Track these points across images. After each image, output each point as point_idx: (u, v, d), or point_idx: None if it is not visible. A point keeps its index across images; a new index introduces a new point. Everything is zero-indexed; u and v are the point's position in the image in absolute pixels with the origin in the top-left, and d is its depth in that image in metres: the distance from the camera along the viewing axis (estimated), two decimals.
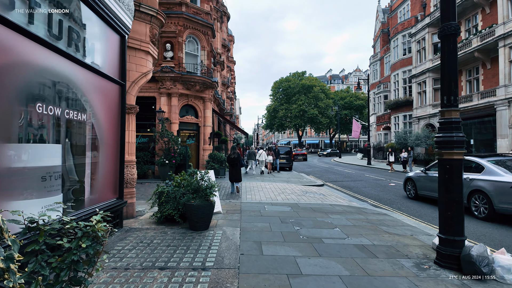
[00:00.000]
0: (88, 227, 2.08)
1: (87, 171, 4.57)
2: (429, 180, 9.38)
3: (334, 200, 9.45)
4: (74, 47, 4.11)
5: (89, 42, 4.50)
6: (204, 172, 5.80)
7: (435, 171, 9.10)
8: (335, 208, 7.96)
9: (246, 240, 5.02)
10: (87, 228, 2.07)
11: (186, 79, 14.38)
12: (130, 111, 6.44)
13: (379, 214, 7.44)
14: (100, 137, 4.89)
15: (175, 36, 14.37)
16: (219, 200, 7.32)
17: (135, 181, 6.50)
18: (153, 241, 4.88)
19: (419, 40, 26.76)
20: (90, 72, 4.48)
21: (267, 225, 6.00)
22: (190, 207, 5.32)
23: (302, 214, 7.16)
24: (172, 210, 5.69)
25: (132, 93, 6.48)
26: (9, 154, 3.05)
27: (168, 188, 5.93)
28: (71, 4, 4.05)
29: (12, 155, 3.09)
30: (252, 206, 7.99)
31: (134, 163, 6.56)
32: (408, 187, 10.61)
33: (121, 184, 5.46)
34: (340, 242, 5.05)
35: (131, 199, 6.42)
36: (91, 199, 4.64)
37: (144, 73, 6.69)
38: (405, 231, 5.87)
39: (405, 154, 20.61)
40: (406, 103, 28.89)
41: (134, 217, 6.48)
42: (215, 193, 5.82)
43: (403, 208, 8.66)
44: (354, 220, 6.68)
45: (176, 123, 14.51)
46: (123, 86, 5.50)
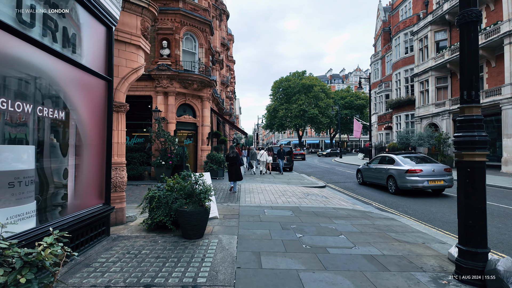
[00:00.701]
0: (31, 255, 1.62)
1: (69, 175, 4.14)
2: (369, 170, 13.51)
3: (337, 203, 9.01)
4: (50, 37, 3.67)
5: (69, 33, 4.06)
6: (198, 175, 5.36)
7: (374, 165, 13.27)
8: (339, 213, 7.51)
9: (244, 250, 4.57)
10: (30, 257, 1.60)
11: (183, 77, 13.94)
12: (120, 110, 6.00)
13: (386, 219, 7.00)
14: (84, 137, 4.45)
15: (171, 33, 13.92)
16: (216, 205, 6.87)
17: (125, 185, 6.06)
18: (141, 251, 4.43)
19: (422, 38, 26.33)
20: (70, 65, 4.04)
21: (267, 232, 5.55)
22: (182, 213, 4.87)
23: (304, 219, 6.72)
24: (164, 216, 5.25)
25: (121, 90, 6.04)
26: None
27: (159, 192, 5.49)
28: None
29: None
30: (251, 210, 7.55)
31: (124, 165, 6.12)
32: (358, 176, 14.61)
33: (108, 188, 5.02)
34: (347, 252, 4.60)
35: (120, 204, 5.98)
36: (73, 206, 4.20)
37: (135, 68, 6.25)
38: (416, 238, 5.43)
39: None
40: (408, 102, 28.44)
41: (124, 223, 6.03)
42: (210, 197, 5.38)
43: (410, 212, 8.22)
44: (360, 226, 6.24)
45: (173, 122, 14.07)
46: (110, 82, 5.06)
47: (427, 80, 25.68)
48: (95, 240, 4.59)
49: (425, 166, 10.78)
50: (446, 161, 21.59)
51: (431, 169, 10.64)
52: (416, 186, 10.39)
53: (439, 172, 10.67)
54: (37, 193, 3.47)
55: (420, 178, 10.39)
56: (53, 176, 3.84)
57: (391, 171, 11.48)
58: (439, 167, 10.83)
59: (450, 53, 22.41)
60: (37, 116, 3.42)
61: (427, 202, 9.69)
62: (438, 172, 10.66)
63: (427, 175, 10.52)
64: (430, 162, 11.31)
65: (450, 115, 22.85)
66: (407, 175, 10.66)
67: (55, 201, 3.88)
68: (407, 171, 10.68)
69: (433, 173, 10.60)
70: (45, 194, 3.67)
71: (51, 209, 3.75)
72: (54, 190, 3.86)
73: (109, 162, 5.03)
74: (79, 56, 4.29)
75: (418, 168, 10.61)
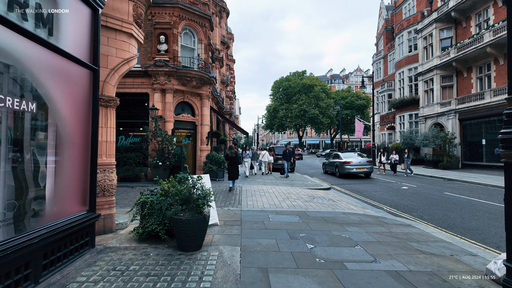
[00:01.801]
0: None
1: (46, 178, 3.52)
2: (327, 163, 19.33)
3: (346, 207, 8.39)
4: (19, 13, 3.04)
5: (44, 11, 3.43)
6: (196, 178, 4.73)
7: (330, 159, 18.91)
8: (351, 218, 6.89)
9: (249, 265, 3.94)
10: None
11: (181, 74, 13.30)
12: (109, 104, 5.37)
13: (403, 225, 6.38)
14: (63, 135, 3.82)
15: (169, 28, 13.29)
16: (216, 210, 6.25)
17: (114, 188, 5.43)
18: (129, 267, 3.80)
19: (426, 36, 25.73)
20: (45, 49, 3.42)
21: (274, 242, 4.92)
22: (177, 222, 4.25)
23: (313, 225, 6.09)
24: (157, 225, 4.62)
25: (111, 83, 5.41)
26: None
27: (152, 197, 4.86)
28: None
29: None
30: (254, 216, 6.92)
31: (113, 167, 5.49)
32: (323, 167, 20.40)
33: (93, 192, 4.39)
34: (368, 267, 3.98)
35: (109, 209, 5.34)
36: (49, 214, 3.57)
37: (126, 59, 5.62)
38: (442, 249, 4.80)
39: (396, 156, 18.92)
40: (412, 101, 27.83)
41: (114, 231, 5.40)
42: (210, 203, 4.76)
43: (426, 217, 7.59)
44: (376, 234, 5.61)
45: (171, 121, 13.43)
46: (95, 72, 4.43)
47: (431, 79, 25.07)
48: (76, 254, 3.95)
49: (355, 159, 16.66)
50: (452, 162, 21.00)
51: (358, 161, 16.57)
52: (349, 171, 16.18)
53: (363, 163, 16.59)
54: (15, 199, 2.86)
55: (352, 167, 16.18)
56: (24, 180, 3.21)
57: (336, 163, 17.41)
58: (364, 160, 16.84)
59: (456, 51, 21.81)
60: (4, 109, 2.79)
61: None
62: (363, 163, 16.57)
63: (356, 165, 16.38)
64: (359, 157, 17.14)
65: (456, 114, 22.24)
66: (345, 165, 16.43)
67: (26, 210, 3.25)
68: (344, 162, 16.51)
69: (360, 164, 16.49)
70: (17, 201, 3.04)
71: (19, 220, 3.12)
72: (25, 197, 3.23)
73: (94, 163, 4.40)
74: (57, 39, 3.66)
75: (350, 160, 16.48)
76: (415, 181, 14.92)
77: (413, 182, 14.67)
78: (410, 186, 13.22)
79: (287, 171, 15.99)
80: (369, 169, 16.48)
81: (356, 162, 16.41)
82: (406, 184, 13.89)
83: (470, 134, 21.65)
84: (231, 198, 9.41)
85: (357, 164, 16.29)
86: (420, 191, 11.65)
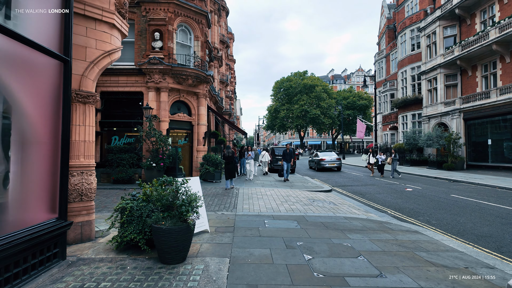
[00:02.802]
0: None
1: (9, 181, 3.06)
2: (311, 161, 24.11)
3: (347, 210, 7.90)
4: None
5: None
6: (181, 181, 4.26)
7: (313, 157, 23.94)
8: (353, 223, 6.39)
9: (237, 281, 3.46)
10: None
11: (176, 72, 12.84)
12: (88, 101, 4.90)
13: (409, 231, 5.88)
14: (26, 133, 3.36)
15: (164, 24, 12.84)
16: (206, 215, 5.76)
17: (93, 192, 4.96)
18: (100, 284, 3.32)
19: (429, 34, 25.19)
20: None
21: (267, 253, 4.44)
22: (158, 231, 3.77)
23: (312, 232, 5.60)
24: (136, 233, 4.14)
25: (90, 77, 4.95)
26: None
27: (132, 203, 4.38)
28: None
29: None
30: (249, 221, 6.44)
31: (93, 169, 5.02)
32: (309, 164, 24.71)
33: (64, 198, 3.92)
34: (372, 283, 3.49)
35: (88, 216, 4.87)
36: (7, 223, 3.11)
37: (107, 51, 5.16)
38: (454, 260, 4.31)
39: (383, 156, 17.88)
40: (415, 101, 27.26)
41: (93, 240, 4.93)
42: (197, 209, 4.27)
43: (434, 222, 7.08)
44: (381, 242, 5.12)
45: (166, 121, 12.96)
46: (66, 63, 3.98)
47: (435, 78, 24.52)
48: (40, 269, 3.48)
49: (328, 157, 21.76)
50: (457, 163, 20.43)
51: (330, 158, 21.63)
52: (323, 166, 21.26)
53: (334, 160, 21.55)
54: None
55: (325, 163, 21.20)
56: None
57: (315, 160, 22.72)
58: (335, 157, 21.83)
59: (461, 49, 21.26)
60: None
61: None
62: (333, 160, 21.54)
63: (328, 161, 21.48)
64: (333, 155, 22.15)
65: (460, 114, 21.68)
66: (320, 161, 21.57)
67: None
68: (320, 159, 21.67)
69: (331, 160, 21.49)
70: None
71: None
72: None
73: (65, 165, 3.94)
74: (16, 24, 3.20)
75: (324, 158, 21.53)
76: (419, 183, 14.40)
77: (418, 183, 14.14)
78: (414, 188, 12.69)
79: (286, 174, 14.32)
80: (338, 164, 21.55)
81: (329, 159, 21.53)
82: (410, 186, 13.36)
83: (475, 134, 21.08)
84: (226, 201, 8.93)
85: (329, 161, 21.42)
86: (425, 193, 11.14)
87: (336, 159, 21.42)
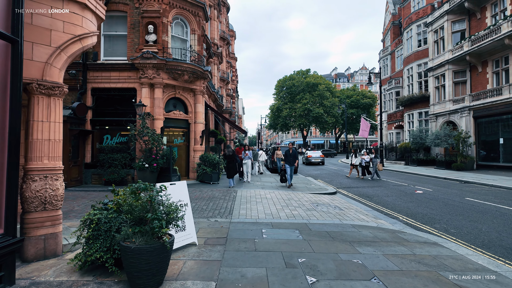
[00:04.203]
0: None
1: None
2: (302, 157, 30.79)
3: (355, 216, 7.14)
4: None
5: None
6: (158, 188, 3.53)
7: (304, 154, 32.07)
8: (362, 233, 5.64)
9: None
10: None
11: (172, 67, 12.10)
12: (53, 92, 4.18)
13: (428, 244, 5.11)
14: None
15: (158, 16, 12.09)
16: (194, 223, 5.03)
17: (60, 200, 4.24)
18: None
19: (437, 30, 24.28)
20: None
21: (263, 274, 3.70)
22: (125, 251, 3.05)
23: (316, 245, 4.86)
24: (103, 252, 3.43)
25: (56, 65, 4.23)
26: None
27: (101, 213, 3.66)
28: None
29: None
30: (245, 230, 5.70)
31: (60, 173, 4.30)
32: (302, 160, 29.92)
33: (11, 209, 3.21)
34: None
35: (53, 227, 4.16)
36: None
37: (78, 36, 4.44)
38: (489, 284, 3.56)
39: (366, 157, 16.18)
40: (421, 99, 26.37)
41: (59, 255, 4.21)
42: (178, 221, 3.53)
43: (452, 230, 6.30)
44: (397, 258, 4.36)
45: (161, 119, 12.22)
46: (15, 44, 3.25)
47: (443, 75, 23.63)
48: None
49: (314, 154, 28.46)
50: (466, 163, 19.55)
51: (315, 155, 28.18)
52: (310, 161, 27.23)
53: (318, 156, 28.01)
54: None
55: (311, 158, 27.14)
56: None
57: (305, 156, 29.13)
58: (319, 154, 28.70)
59: (470, 44, 20.35)
60: None
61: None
62: (318, 156, 28.15)
63: (314, 157, 27.87)
64: (318, 153, 29.08)
65: (470, 112, 20.79)
66: (308, 157, 27.86)
67: None
68: (307, 156, 28.18)
69: (316, 157, 27.88)
70: None
71: None
72: None
73: (13, 168, 3.22)
74: None
75: (310, 154, 27.86)
76: (429, 184, 13.58)
77: (428, 185, 13.33)
78: (425, 190, 11.89)
79: (289, 179, 11.93)
80: (321, 160, 28.01)
81: (314, 156, 28.26)
82: (420, 187, 12.55)
83: (486, 133, 20.18)
84: (222, 205, 8.20)
85: (314, 157, 28.00)
86: (437, 196, 10.35)
87: (320, 156, 28.28)
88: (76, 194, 9.99)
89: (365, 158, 16.22)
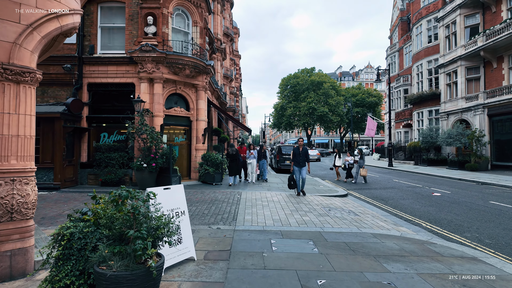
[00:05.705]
0: None
1: None
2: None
3: (373, 223, 6.40)
4: None
5: None
6: (145, 196, 2.82)
7: None
8: (386, 245, 4.89)
9: None
10: None
11: (172, 61, 11.39)
12: (22, 79, 3.49)
13: (465, 258, 4.36)
14: None
15: (158, 7, 11.38)
16: (191, 235, 4.32)
17: (31, 208, 3.55)
18: None
19: (449, 25, 23.36)
20: None
21: None
22: (100, 278, 2.35)
23: (336, 261, 4.12)
24: (75, 277, 2.71)
25: (27, 47, 3.54)
26: None
27: (76, 226, 2.95)
28: None
29: None
30: (251, 241, 4.98)
31: (31, 175, 3.61)
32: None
33: None
34: None
35: (21, 241, 3.47)
36: None
37: (55, 13, 3.74)
38: None
39: (350, 158, 14.74)
40: (432, 96, 25.45)
41: (30, 274, 3.52)
42: (171, 238, 2.82)
43: (487, 241, 5.53)
44: (435, 279, 3.62)
45: (161, 116, 11.52)
46: None
47: (455, 71, 22.71)
48: None
49: (312, 152, 30.38)
50: (481, 163, 18.66)
51: (313, 153, 31.32)
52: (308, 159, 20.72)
53: (315, 154, 32.27)
54: None
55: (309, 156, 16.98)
56: None
57: None
58: (316, 153, 33.20)
59: (485, 39, 19.43)
60: None
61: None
62: (314, 154, 32.03)
63: (312, 155, 29.95)
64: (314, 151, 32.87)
65: (484, 109, 19.87)
66: None
67: None
68: None
69: (312, 155, 30.98)
70: None
71: None
72: None
73: None
74: None
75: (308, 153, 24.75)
76: (445, 186, 12.76)
77: (444, 187, 12.51)
78: (442, 192, 11.09)
79: (299, 185, 9.67)
80: (317, 157, 32.71)
81: (312, 154, 29.71)
82: (437, 189, 11.75)
83: (501, 132, 19.25)
84: (225, 209, 7.48)
85: (312, 155, 30.57)
86: (458, 199, 9.56)
87: (316, 154, 32.93)
88: (69, 195, 9.34)
89: (349, 160, 14.74)
